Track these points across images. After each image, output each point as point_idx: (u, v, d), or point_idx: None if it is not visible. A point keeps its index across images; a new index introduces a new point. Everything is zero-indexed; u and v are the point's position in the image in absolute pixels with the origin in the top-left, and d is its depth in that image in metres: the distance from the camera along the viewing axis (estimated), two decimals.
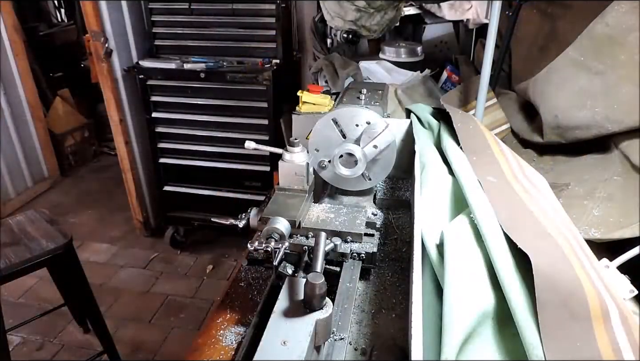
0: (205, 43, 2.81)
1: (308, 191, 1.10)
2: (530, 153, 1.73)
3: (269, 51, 2.73)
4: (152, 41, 2.88)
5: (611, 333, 0.69)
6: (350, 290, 0.94)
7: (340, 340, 0.83)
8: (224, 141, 2.87)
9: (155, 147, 3.00)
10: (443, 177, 1.16)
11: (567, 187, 1.38)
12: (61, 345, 2.54)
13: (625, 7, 1.39)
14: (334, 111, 1.16)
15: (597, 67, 1.44)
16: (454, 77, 2.34)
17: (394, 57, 2.47)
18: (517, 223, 0.91)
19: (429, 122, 1.46)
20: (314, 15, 2.72)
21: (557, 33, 1.80)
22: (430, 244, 0.95)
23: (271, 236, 0.94)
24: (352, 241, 1.03)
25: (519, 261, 0.82)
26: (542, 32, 1.89)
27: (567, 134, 1.54)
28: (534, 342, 0.67)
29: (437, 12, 2.42)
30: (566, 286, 0.75)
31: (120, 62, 2.89)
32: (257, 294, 1.05)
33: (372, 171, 1.19)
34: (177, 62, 2.72)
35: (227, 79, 2.63)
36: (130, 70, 2.86)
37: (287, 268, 0.98)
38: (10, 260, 1.79)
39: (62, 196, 4.13)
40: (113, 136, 3.10)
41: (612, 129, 1.40)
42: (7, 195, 3.81)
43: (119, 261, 3.24)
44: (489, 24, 1.76)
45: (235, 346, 0.91)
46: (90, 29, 2.75)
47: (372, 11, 2.39)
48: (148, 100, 2.86)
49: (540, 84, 1.64)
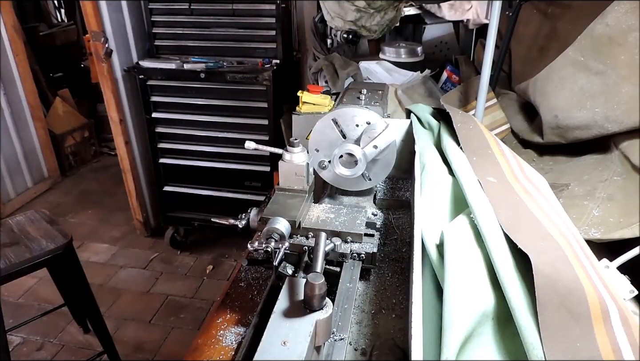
0: (205, 43, 2.81)
1: (308, 191, 1.10)
2: (530, 153, 1.73)
3: (269, 51, 2.73)
4: (152, 41, 2.88)
5: (611, 333, 0.69)
6: (350, 290, 0.94)
7: (340, 340, 0.83)
8: (224, 141, 2.87)
9: (155, 148, 3.00)
10: (443, 177, 1.16)
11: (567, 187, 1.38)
12: (61, 345, 2.54)
13: (626, 7, 1.39)
14: (334, 111, 1.16)
15: (597, 67, 1.44)
16: (454, 78, 2.34)
17: (394, 57, 2.47)
18: (517, 223, 0.91)
19: (429, 122, 1.46)
20: (314, 15, 2.71)
21: (557, 33, 1.80)
22: (430, 245, 0.95)
23: (271, 237, 0.94)
24: (352, 241, 1.03)
25: (519, 261, 0.82)
26: (542, 32, 1.89)
27: (567, 135, 1.54)
28: (534, 342, 0.67)
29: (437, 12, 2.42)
30: (566, 286, 0.75)
31: (120, 63, 2.89)
32: (257, 294, 1.05)
33: (372, 172, 1.19)
34: (177, 62, 2.72)
35: (227, 79, 2.63)
36: (131, 70, 2.86)
37: (287, 268, 0.98)
38: (10, 260, 1.79)
39: (62, 196, 4.13)
40: (113, 136, 3.10)
41: (612, 129, 1.40)
42: (7, 195, 3.81)
43: (119, 262, 3.24)
44: (489, 24, 1.76)
45: (235, 346, 0.91)
46: (91, 29, 2.75)
47: (372, 11, 2.39)
48: (148, 100, 2.86)
49: (540, 84, 1.64)
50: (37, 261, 1.84)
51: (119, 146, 3.11)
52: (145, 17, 2.85)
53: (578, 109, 1.47)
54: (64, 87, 4.59)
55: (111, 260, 3.26)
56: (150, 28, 2.84)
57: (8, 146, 3.78)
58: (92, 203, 3.98)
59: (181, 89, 2.80)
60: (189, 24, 2.79)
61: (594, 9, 1.47)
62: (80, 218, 3.78)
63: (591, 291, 0.76)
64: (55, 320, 2.61)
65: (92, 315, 2.15)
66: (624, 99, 1.37)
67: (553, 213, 1.00)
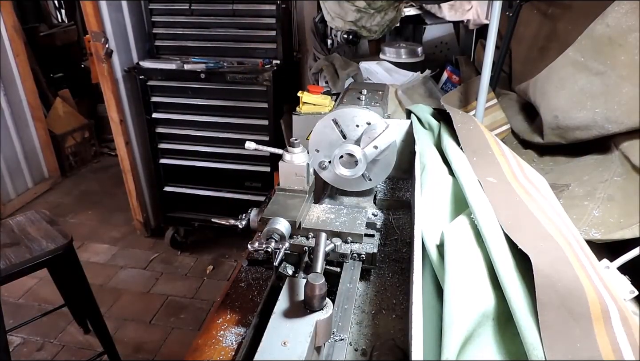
0: (206, 44, 2.81)
1: (308, 191, 1.10)
2: (530, 154, 1.73)
3: (269, 52, 2.73)
4: (152, 42, 2.88)
5: (611, 333, 0.69)
6: (351, 291, 0.94)
7: (340, 341, 0.83)
8: (224, 142, 2.87)
9: (155, 148, 3.00)
10: (443, 177, 1.16)
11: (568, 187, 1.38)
12: (61, 346, 2.54)
13: (626, 8, 1.39)
14: (334, 112, 1.16)
15: (597, 67, 1.44)
16: (454, 78, 2.34)
17: (394, 57, 2.47)
18: (518, 223, 0.91)
19: (429, 122, 1.46)
20: (314, 15, 2.72)
21: (558, 34, 1.80)
22: (430, 245, 0.95)
23: (271, 237, 0.94)
24: (353, 241, 1.03)
25: (519, 261, 0.82)
26: (542, 32, 1.89)
27: (567, 135, 1.54)
28: (534, 342, 0.67)
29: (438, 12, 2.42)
30: (566, 286, 0.75)
31: (120, 63, 2.89)
32: (258, 294, 1.05)
33: (372, 172, 1.19)
34: (177, 62, 2.73)
35: (227, 80, 2.63)
36: (131, 70, 2.86)
37: (288, 268, 0.98)
38: (10, 261, 1.79)
39: (62, 196, 4.13)
40: (113, 136, 3.10)
41: (612, 130, 1.40)
42: (7, 196, 3.81)
43: (119, 262, 3.24)
44: (489, 25, 1.76)
45: (235, 346, 0.91)
46: (91, 29, 2.75)
47: (373, 12, 2.39)
48: (148, 100, 2.86)
49: (541, 85, 1.64)
50: (37, 261, 1.84)
51: (119, 147, 3.11)
52: (146, 17, 2.85)
53: (578, 110, 1.47)
54: (64, 87, 4.60)
55: (111, 260, 3.26)
56: (150, 28, 2.85)
57: (8, 146, 3.78)
58: (92, 204, 3.98)
59: (181, 89, 2.80)
60: (189, 25, 2.79)
61: (594, 10, 1.47)
62: (80, 218, 3.78)
63: (591, 291, 0.76)
64: (56, 321, 2.61)
65: (92, 315, 2.15)
66: (624, 99, 1.37)
67: (553, 213, 1.00)
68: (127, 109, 3.05)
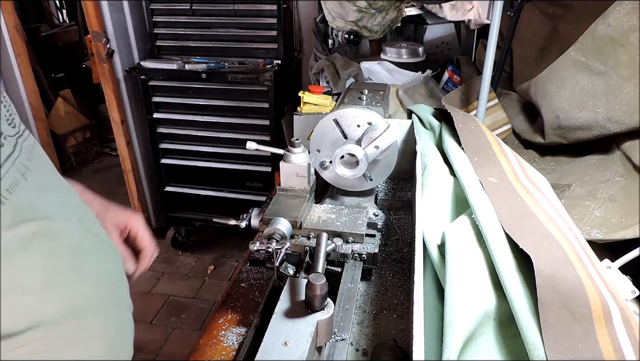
0: (207, 44, 2.81)
1: (309, 191, 1.10)
2: (531, 154, 1.73)
3: (270, 52, 2.74)
4: (153, 42, 2.88)
5: (613, 333, 0.69)
6: (352, 291, 0.94)
7: (341, 341, 0.83)
8: (225, 142, 2.87)
9: (156, 148, 3.00)
10: (444, 178, 1.16)
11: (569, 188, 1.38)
12: None
13: (627, 8, 1.39)
14: (335, 112, 1.16)
15: (598, 67, 1.44)
16: (456, 78, 2.34)
17: (395, 57, 2.47)
18: (519, 223, 0.91)
19: (430, 122, 1.46)
20: (315, 15, 2.72)
21: (559, 33, 1.80)
22: (431, 245, 0.94)
23: (272, 237, 0.94)
24: (354, 241, 1.03)
25: (521, 261, 0.82)
26: (543, 32, 1.89)
27: (568, 135, 1.54)
28: (535, 343, 0.67)
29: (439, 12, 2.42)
30: (568, 286, 0.75)
31: (121, 63, 2.89)
32: (259, 294, 1.05)
33: (373, 172, 1.19)
34: (178, 62, 2.73)
35: (228, 80, 2.63)
36: (132, 71, 2.86)
37: (289, 268, 0.98)
38: None
39: None
40: (114, 136, 3.10)
41: (614, 130, 1.39)
42: None
43: None
44: (491, 25, 1.76)
45: (236, 346, 0.91)
46: (92, 29, 2.76)
47: (374, 12, 2.39)
48: (149, 101, 2.86)
49: (542, 85, 1.64)
50: None
51: (120, 147, 3.11)
52: (147, 17, 2.85)
53: (579, 110, 1.47)
54: (66, 87, 4.60)
55: None
56: (151, 28, 2.85)
57: None
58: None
59: (182, 89, 2.80)
60: (191, 25, 2.79)
61: (596, 10, 1.47)
62: None
63: (593, 291, 0.76)
64: None
65: None
66: (626, 99, 1.37)
67: (555, 214, 1.00)
68: (128, 109, 3.05)
